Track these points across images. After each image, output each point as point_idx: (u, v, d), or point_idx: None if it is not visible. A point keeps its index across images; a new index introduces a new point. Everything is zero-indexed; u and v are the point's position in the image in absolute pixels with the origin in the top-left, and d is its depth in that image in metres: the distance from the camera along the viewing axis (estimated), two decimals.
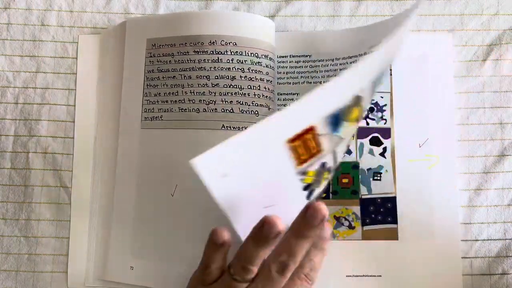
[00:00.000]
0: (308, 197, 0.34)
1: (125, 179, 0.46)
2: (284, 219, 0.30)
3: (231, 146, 0.27)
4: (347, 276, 0.45)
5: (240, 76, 0.44)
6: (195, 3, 0.50)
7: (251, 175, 0.30)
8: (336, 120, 0.31)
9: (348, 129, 0.34)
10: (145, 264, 0.44)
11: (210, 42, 0.45)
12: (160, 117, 0.45)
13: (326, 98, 0.30)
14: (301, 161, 0.31)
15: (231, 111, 0.44)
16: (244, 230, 0.32)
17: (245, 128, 0.26)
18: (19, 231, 0.46)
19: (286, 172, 0.31)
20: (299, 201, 0.33)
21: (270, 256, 0.32)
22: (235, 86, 0.44)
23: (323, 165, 0.33)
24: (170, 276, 0.44)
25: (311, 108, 0.30)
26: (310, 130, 0.30)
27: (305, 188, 0.33)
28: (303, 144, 0.30)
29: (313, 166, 0.32)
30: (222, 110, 0.44)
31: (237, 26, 0.45)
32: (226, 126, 0.44)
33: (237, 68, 0.45)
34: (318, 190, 0.35)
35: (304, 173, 0.32)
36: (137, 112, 0.46)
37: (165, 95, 0.45)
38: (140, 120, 0.46)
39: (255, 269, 0.31)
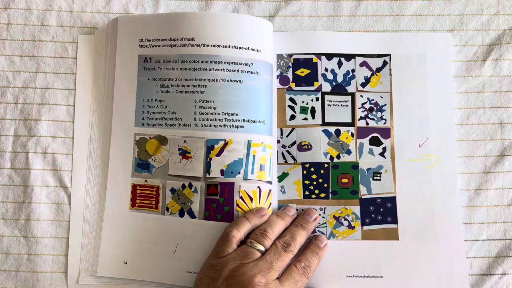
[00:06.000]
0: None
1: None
2: None
3: None
4: (347, 276, 0.45)
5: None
6: (195, 3, 0.50)
7: None
8: None
9: None
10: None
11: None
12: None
13: None
14: None
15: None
16: None
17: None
18: (19, 231, 0.46)
19: None
20: None
21: (278, 238, 0.42)
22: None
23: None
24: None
25: None
26: None
27: None
28: None
29: None
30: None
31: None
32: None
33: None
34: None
35: None
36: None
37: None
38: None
39: (270, 237, 0.41)
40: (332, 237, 0.45)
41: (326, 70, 0.48)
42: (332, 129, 0.47)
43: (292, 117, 0.47)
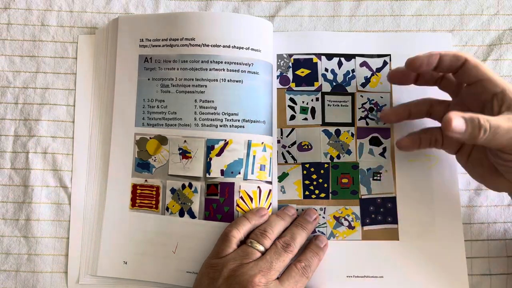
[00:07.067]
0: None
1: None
2: None
3: None
4: (347, 276, 0.45)
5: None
6: (195, 3, 0.50)
7: None
8: None
9: None
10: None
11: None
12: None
13: None
14: None
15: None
16: None
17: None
18: (19, 231, 0.46)
19: None
20: None
21: (278, 238, 0.42)
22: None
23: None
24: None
25: None
26: None
27: None
28: None
29: None
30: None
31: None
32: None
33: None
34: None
35: None
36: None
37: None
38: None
39: (270, 237, 0.41)
40: (332, 237, 0.45)
41: (326, 70, 0.48)
42: (332, 129, 0.47)
43: (292, 117, 0.47)
